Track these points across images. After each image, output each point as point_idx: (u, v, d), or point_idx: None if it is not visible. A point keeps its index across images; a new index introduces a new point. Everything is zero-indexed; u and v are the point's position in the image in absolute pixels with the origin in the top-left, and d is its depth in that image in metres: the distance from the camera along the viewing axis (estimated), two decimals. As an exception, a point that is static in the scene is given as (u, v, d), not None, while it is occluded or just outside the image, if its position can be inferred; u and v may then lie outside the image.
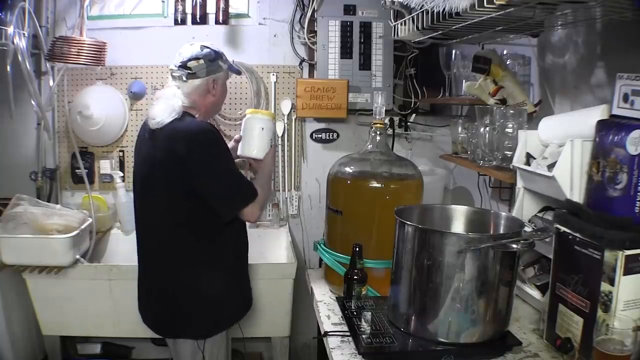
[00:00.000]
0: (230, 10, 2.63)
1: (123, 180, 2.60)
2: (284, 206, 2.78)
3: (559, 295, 1.30)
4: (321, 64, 2.60)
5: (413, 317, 1.37)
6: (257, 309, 2.12)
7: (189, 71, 1.81)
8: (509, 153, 1.73)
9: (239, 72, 2.20)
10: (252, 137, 1.91)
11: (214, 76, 1.84)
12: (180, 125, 1.74)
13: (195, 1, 2.60)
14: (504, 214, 1.52)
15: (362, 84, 2.62)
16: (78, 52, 2.31)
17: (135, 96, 2.64)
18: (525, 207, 1.63)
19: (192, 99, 1.82)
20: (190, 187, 1.71)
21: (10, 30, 2.18)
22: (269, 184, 1.99)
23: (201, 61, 1.82)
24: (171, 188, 1.75)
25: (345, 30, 2.59)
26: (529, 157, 1.60)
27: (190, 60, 1.81)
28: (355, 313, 1.51)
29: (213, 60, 1.84)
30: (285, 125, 2.70)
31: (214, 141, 1.73)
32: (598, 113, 1.34)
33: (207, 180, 1.71)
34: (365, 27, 2.60)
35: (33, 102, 2.40)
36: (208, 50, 1.85)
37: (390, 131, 2.60)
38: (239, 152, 1.95)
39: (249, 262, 2.02)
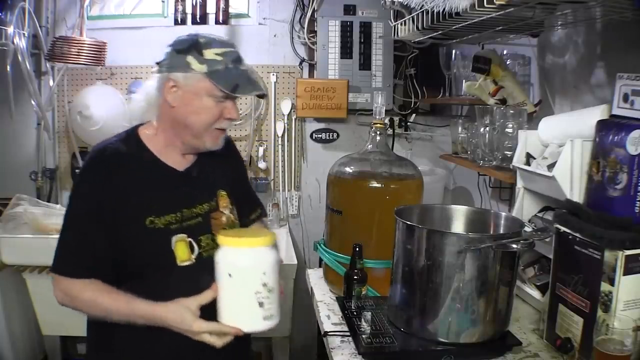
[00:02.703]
0: (230, 10, 2.63)
1: (123, 180, 2.60)
2: (284, 206, 2.78)
3: (559, 295, 1.30)
4: (321, 64, 2.60)
5: (413, 317, 1.37)
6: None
7: (157, 61, 1.33)
8: (509, 153, 1.73)
9: (232, 93, 1.26)
10: (221, 289, 1.14)
11: (173, 76, 1.26)
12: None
13: (195, 1, 2.60)
14: (504, 214, 1.51)
15: (362, 84, 2.62)
16: (78, 52, 2.32)
17: (135, 96, 2.64)
18: (525, 207, 1.63)
19: (156, 105, 1.33)
20: None
21: (10, 30, 2.19)
22: (130, 315, 1.20)
23: (169, 49, 1.30)
24: None
25: (345, 30, 2.59)
26: (529, 157, 1.60)
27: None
28: (355, 313, 1.51)
29: (180, 51, 1.26)
30: (286, 125, 2.70)
31: (89, 172, 1.29)
32: (598, 113, 1.34)
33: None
34: (365, 27, 2.60)
35: (33, 102, 2.40)
36: (187, 36, 1.30)
37: (390, 131, 2.60)
38: None
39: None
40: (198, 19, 2.62)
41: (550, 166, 1.44)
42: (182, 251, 1.27)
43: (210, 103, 1.27)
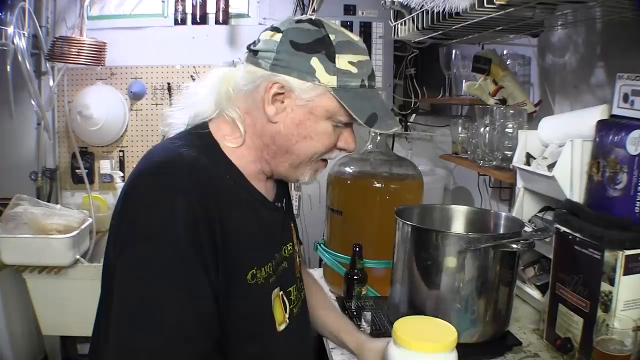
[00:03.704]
0: (230, 10, 2.63)
1: (123, 180, 2.60)
2: (284, 206, 2.78)
3: (559, 295, 1.29)
4: (321, 64, 2.59)
5: (413, 317, 1.37)
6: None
7: (252, 46, 0.93)
8: (509, 153, 1.73)
9: (368, 126, 0.91)
10: None
11: (283, 79, 0.88)
12: (152, 152, 0.93)
13: (196, 1, 2.60)
14: (504, 214, 1.51)
15: (362, 84, 2.62)
16: (78, 52, 2.31)
17: (135, 96, 2.64)
18: (525, 207, 1.63)
19: (241, 107, 0.93)
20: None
21: (10, 30, 2.19)
22: None
23: (277, 36, 0.89)
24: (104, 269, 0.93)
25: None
26: (529, 157, 1.60)
27: (267, 30, 0.93)
28: (355, 313, 1.51)
29: (301, 47, 0.87)
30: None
31: (166, 194, 0.83)
32: (598, 113, 1.34)
33: (111, 282, 0.84)
34: (365, 27, 2.59)
35: (33, 102, 2.40)
36: (309, 24, 0.90)
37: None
38: None
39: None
40: (198, 19, 2.62)
41: (550, 166, 1.44)
42: (279, 311, 0.97)
43: (328, 128, 0.92)
